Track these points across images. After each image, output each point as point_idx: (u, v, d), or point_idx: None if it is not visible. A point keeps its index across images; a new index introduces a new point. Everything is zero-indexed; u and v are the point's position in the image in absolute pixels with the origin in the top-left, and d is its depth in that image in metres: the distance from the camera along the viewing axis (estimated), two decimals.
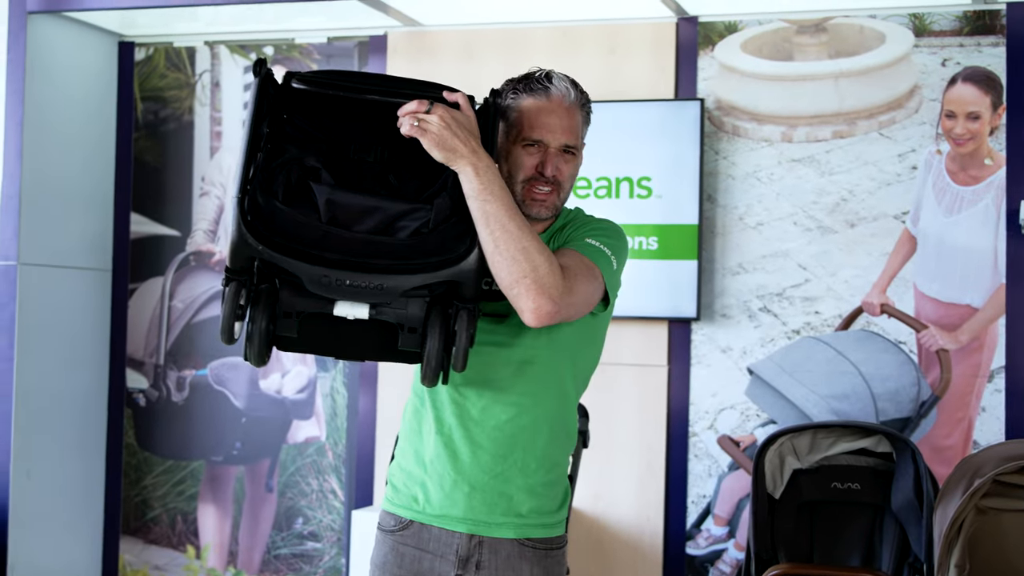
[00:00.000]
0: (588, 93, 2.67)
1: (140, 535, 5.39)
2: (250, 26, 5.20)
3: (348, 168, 2.33)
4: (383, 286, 2.26)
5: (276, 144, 2.31)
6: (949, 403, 4.42)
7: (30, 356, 5.02)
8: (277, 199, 2.25)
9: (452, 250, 2.31)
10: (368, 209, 2.28)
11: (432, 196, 2.34)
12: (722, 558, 4.65)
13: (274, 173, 2.28)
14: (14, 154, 4.98)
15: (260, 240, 2.22)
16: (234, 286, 2.29)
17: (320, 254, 2.24)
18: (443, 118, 2.32)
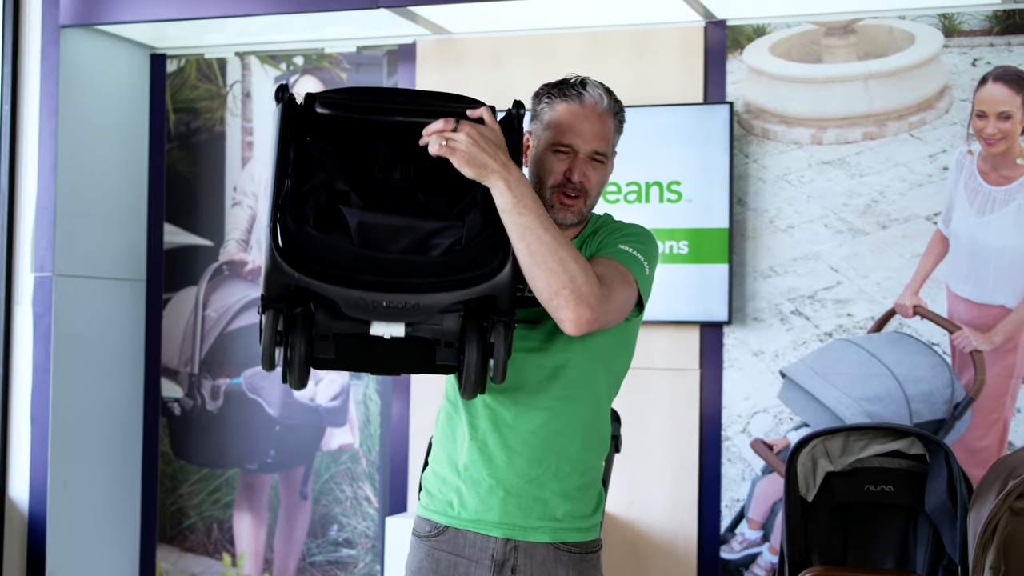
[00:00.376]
0: (622, 102, 2.68)
1: (176, 543, 5.43)
2: (280, 36, 5.22)
3: (376, 188, 2.33)
4: (420, 305, 2.27)
5: (303, 169, 2.31)
6: (983, 404, 4.40)
7: (66, 367, 5.06)
8: (308, 224, 2.26)
9: (485, 264, 2.32)
10: (400, 229, 2.28)
11: (463, 212, 2.34)
12: (756, 562, 4.64)
13: (303, 199, 2.28)
14: (48, 167, 5.02)
15: (294, 267, 2.22)
16: (271, 314, 2.30)
17: (354, 276, 2.24)
18: (470, 135, 2.32)
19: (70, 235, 5.08)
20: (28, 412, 5.03)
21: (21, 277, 5.08)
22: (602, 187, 2.67)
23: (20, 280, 5.09)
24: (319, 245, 2.25)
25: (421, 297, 2.26)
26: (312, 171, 2.32)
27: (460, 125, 2.33)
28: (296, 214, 2.27)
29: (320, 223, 2.27)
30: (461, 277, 2.29)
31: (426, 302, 2.27)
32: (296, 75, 5.30)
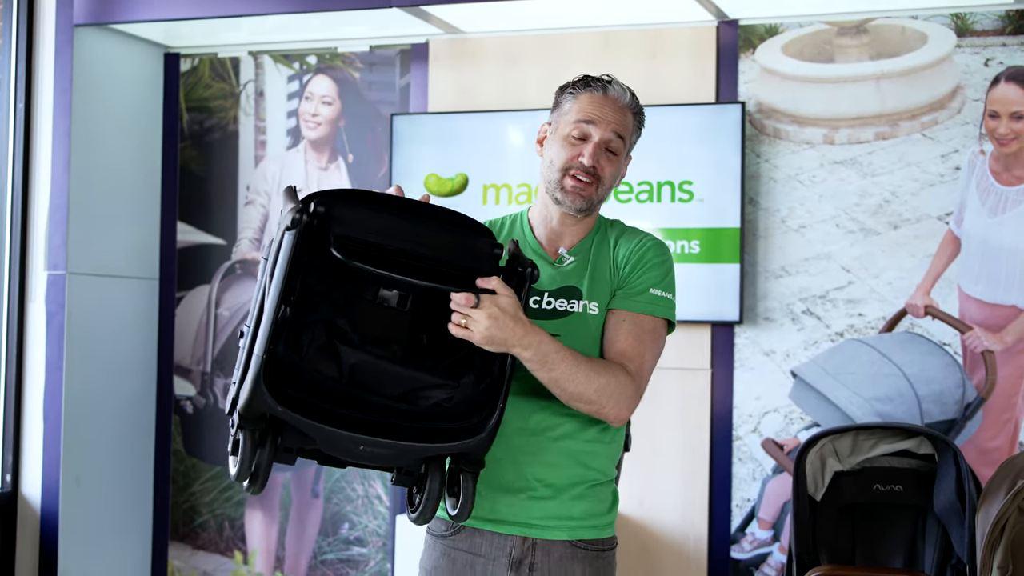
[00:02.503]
0: (643, 107, 2.71)
1: (188, 541, 5.44)
2: (293, 35, 5.24)
3: (375, 317, 2.28)
4: (396, 452, 2.25)
5: (305, 297, 2.24)
6: (995, 405, 4.39)
7: (79, 364, 5.08)
8: (300, 355, 2.21)
9: (467, 419, 2.32)
10: (394, 378, 2.25)
11: (458, 368, 2.32)
12: (767, 561, 4.63)
13: (301, 329, 2.22)
14: (62, 165, 5.04)
15: (276, 397, 2.18)
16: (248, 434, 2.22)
17: (333, 410, 2.21)
18: (490, 315, 2.30)
19: (83, 233, 5.10)
20: (41, 409, 5.05)
21: (35, 275, 5.10)
22: (615, 181, 2.67)
23: (33, 278, 5.11)
24: (307, 378, 2.20)
25: (399, 444, 2.24)
26: (314, 299, 2.25)
27: (481, 302, 2.30)
28: (291, 343, 2.21)
29: (313, 355, 2.22)
30: (441, 428, 2.28)
31: (403, 449, 2.25)
32: (309, 74, 5.31)
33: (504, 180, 4.88)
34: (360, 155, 5.22)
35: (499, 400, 2.35)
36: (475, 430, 2.31)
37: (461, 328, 2.30)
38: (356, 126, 5.24)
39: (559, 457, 2.58)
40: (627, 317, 2.58)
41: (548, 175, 2.65)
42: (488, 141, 4.92)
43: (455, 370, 2.32)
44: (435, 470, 2.34)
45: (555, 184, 2.62)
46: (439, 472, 2.34)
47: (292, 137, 5.33)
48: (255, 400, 2.17)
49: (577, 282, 2.63)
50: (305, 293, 2.23)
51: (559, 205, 2.63)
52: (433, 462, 2.34)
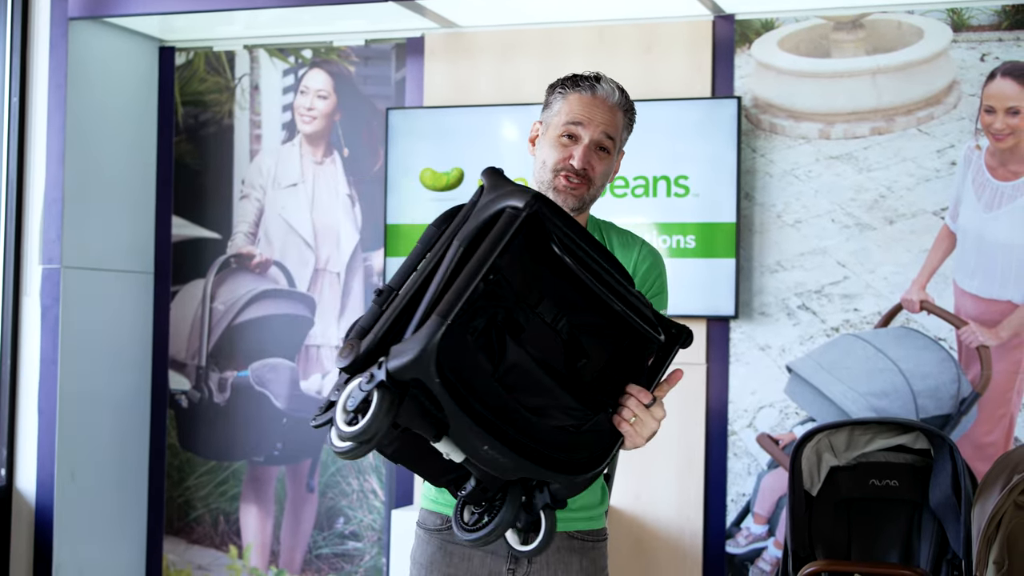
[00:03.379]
0: (633, 102, 2.70)
1: (183, 535, 5.44)
2: (288, 29, 5.23)
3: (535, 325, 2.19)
4: (513, 467, 2.16)
5: (495, 280, 2.14)
6: (990, 400, 4.39)
7: (74, 358, 5.08)
8: (471, 334, 2.10)
9: (576, 453, 2.23)
10: (540, 388, 2.17)
11: (600, 405, 2.25)
12: (762, 556, 4.64)
13: (481, 309, 2.12)
14: (57, 159, 5.03)
15: (438, 371, 2.04)
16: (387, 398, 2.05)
17: (471, 401, 2.09)
18: (658, 423, 2.29)
19: (78, 227, 5.09)
20: (36, 404, 5.05)
21: (29, 269, 5.10)
22: (606, 180, 2.67)
23: (28, 272, 5.10)
24: (467, 362, 2.09)
25: (513, 458, 2.13)
26: (502, 286, 2.15)
27: (654, 409, 2.27)
28: (467, 319, 2.10)
29: (480, 339, 2.12)
30: (553, 456, 2.19)
31: (520, 465, 2.15)
32: (305, 68, 5.31)
33: None
34: (355, 149, 5.21)
35: (613, 447, 2.28)
36: (582, 468, 2.23)
37: (629, 426, 2.26)
38: (351, 120, 5.23)
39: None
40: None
41: (540, 175, 2.66)
42: (484, 135, 4.92)
43: (595, 403, 2.25)
44: (514, 495, 2.25)
45: (548, 184, 2.63)
46: (516, 499, 2.25)
47: (287, 131, 5.32)
48: (419, 364, 2.02)
49: None
50: (498, 277, 2.14)
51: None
52: (513, 487, 2.25)
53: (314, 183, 5.27)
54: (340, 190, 5.22)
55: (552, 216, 2.18)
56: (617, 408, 2.26)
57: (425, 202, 4.96)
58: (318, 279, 5.25)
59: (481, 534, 2.26)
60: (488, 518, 2.26)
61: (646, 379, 2.29)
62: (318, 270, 5.25)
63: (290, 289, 5.29)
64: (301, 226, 5.27)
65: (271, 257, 5.31)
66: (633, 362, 2.31)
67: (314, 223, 5.25)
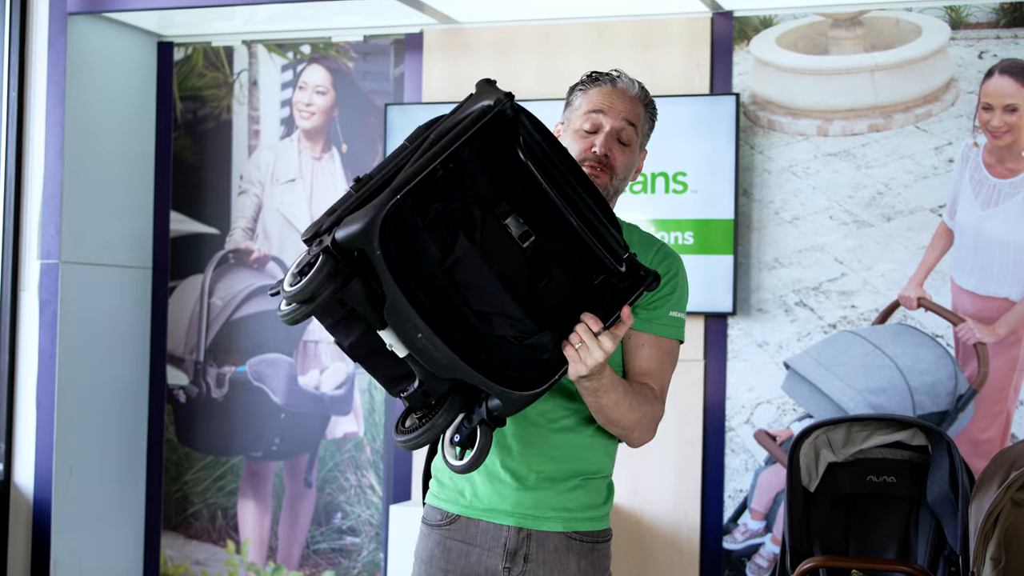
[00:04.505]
0: (654, 100, 2.72)
1: (181, 530, 5.44)
2: (287, 25, 5.23)
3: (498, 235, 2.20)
4: (440, 360, 2.16)
5: (457, 170, 2.17)
6: (986, 397, 4.40)
7: (72, 353, 5.08)
8: (423, 219, 2.12)
9: (518, 371, 2.24)
10: (486, 290, 2.18)
11: (547, 324, 2.25)
12: (759, 552, 4.65)
13: (437, 196, 2.14)
14: (55, 154, 5.03)
15: (382, 243, 2.07)
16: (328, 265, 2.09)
17: (415, 290, 2.11)
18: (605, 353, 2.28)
19: (77, 222, 5.09)
20: (34, 398, 5.05)
21: (28, 264, 5.10)
22: (628, 173, 2.66)
23: (27, 267, 5.10)
24: (413, 244, 2.11)
25: (452, 356, 2.15)
26: (463, 178, 2.17)
27: (602, 339, 2.26)
28: (422, 203, 2.13)
29: (432, 227, 2.14)
30: (492, 366, 2.20)
31: (452, 363, 2.16)
32: (303, 63, 5.31)
33: None
34: (354, 145, 5.22)
35: (557, 372, 2.28)
36: (521, 385, 2.23)
37: (574, 350, 2.26)
38: (350, 116, 5.23)
39: (558, 449, 2.58)
40: (647, 340, 2.60)
41: None
42: None
43: (544, 320, 2.25)
44: (452, 405, 2.27)
45: None
46: (455, 409, 2.27)
47: (286, 127, 5.33)
48: (364, 233, 2.06)
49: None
50: (459, 168, 2.16)
51: None
52: (453, 396, 2.27)
53: (312, 179, 5.27)
54: (338, 186, 5.22)
55: (528, 124, 2.21)
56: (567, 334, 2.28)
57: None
58: None
59: (411, 436, 2.29)
60: (418, 421, 2.29)
61: (604, 312, 2.29)
62: None
63: None
64: (299, 221, 5.27)
65: (269, 252, 5.31)
66: (600, 300, 2.32)
67: (312, 218, 5.25)
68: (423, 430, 2.28)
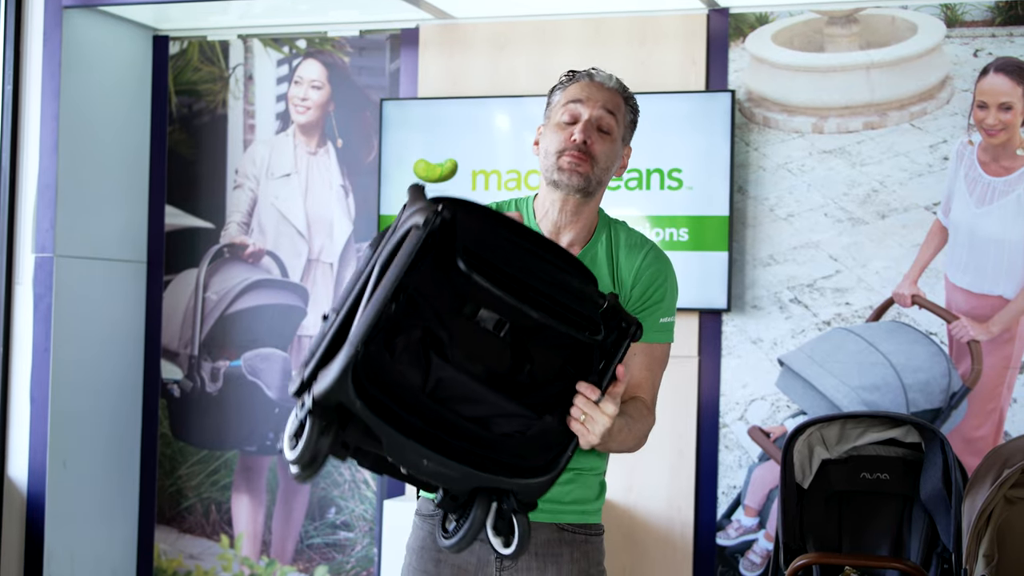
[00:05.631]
0: (634, 96, 2.71)
1: (175, 524, 5.44)
2: (283, 19, 5.23)
3: (473, 335, 2.19)
4: (460, 477, 2.17)
5: (411, 298, 2.15)
6: (980, 394, 4.41)
7: (66, 347, 5.08)
8: (392, 355, 2.12)
9: (532, 457, 2.24)
10: (477, 399, 2.18)
11: (546, 405, 2.25)
12: (752, 548, 4.65)
13: (400, 329, 2.13)
14: (50, 147, 5.03)
15: (359, 393, 2.08)
16: (318, 424, 2.12)
17: (407, 417, 2.12)
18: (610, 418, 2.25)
19: (71, 216, 5.09)
20: (28, 392, 5.05)
21: (22, 257, 5.09)
22: (610, 162, 2.65)
23: (21, 260, 5.09)
24: (391, 380, 2.12)
25: (462, 468, 2.16)
26: (419, 302, 2.15)
27: (603, 405, 2.24)
28: (385, 341, 2.12)
29: (403, 358, 2.14)
30: (504, 461, 2.20)
31: (466, 474, 2.17)
32: (299, 58, 5.31)
33: (493, 166, 4.88)
34: (349, 140, 5.22)
35: (568, 448, 2.28)
36: (538, 471, 2.24)
37: (580, 424, 2.24)
38: (345, 111, 5.23)
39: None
40: (639, 349, 2.61)
41: (545, 163, 2.64)
42: (477, 127, 4.92)
43: (541, 405, 2.25)
44: (482, 501, 2.28)
45: (552, 168, 2.61)
46: (486, 503, 2.28)
47: (281, 121, 5.32)
48: (337, 390, 2.08)
49: None
50: (412, 295, 2.15)
51: (557, 188, 2.61)
52: (481, 492, 2.27)
53: (308, 173, 5.27)
54: (334, 181, 5.22)
55: (465, 223, 2.16)
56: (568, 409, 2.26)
57: None
58: (311, 269, 5.25)
59: (454, 540, 2.31)
60: (457, 523, 2.31)
61: (597, 376, 2.28)
62: (311, 260, 5.25)
63: (283, 279, 5.29)
64: (294, 216, 5.27)
65: (264, 247, 5.31)
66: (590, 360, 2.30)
67: (307, 213, 5.25)
68: (464, 530, 2.30)
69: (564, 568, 2.65)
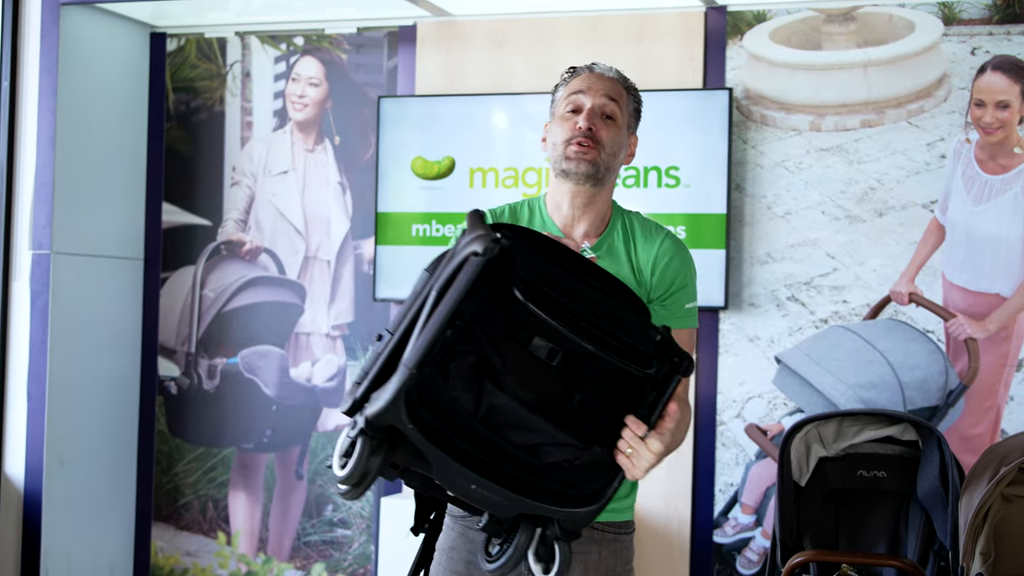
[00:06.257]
0: (636, 87, 2.75)
1: (172, 522, 5.44)
2: (280, 16, 5.22)
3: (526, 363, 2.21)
4: (508, 503, 2.20)
5: (467, 324, 2.17)
6: (977, 392, 4.41)
7: (63, 344, 5.07)
8: (445, 379, 2.15)
9: (576, 488, 2.25)
10: (527, 427, 2.19)
11: (594, 438, 2.25)
12: (749, 546, 4.65)
13: (454, 354, 2.16)
14: (47, 144, 5.02)
15: (411, 416, 2.10)
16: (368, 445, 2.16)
17: (458, 442, 2.15)
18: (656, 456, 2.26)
19: (68, 213, 5.09)
20: (25, 389, 5.04)
21: (19, 254, 5.09)
22: (617, 148, 2.68)
23: (18, 257, 5.09)
24: (443, 404, 2.14)
25: (510, 495, 2.18)
26: (474, 329, 2.17)
27: (649, 442, 2.25)
28: (439, 366, 2.14)
29: (456, 384, 2.16)
30: (552, 489, 2.22)
31: (514, 501, 2.20)
32: (296, 55, 5.30)
33: (491, 164, 4.88)
34: (347, 137, 5.21)
35: (615, 478, 2.29)
36: (584, 501, 2.25)
37: (626, 458, 2.25)
38: (343, 108, 5.23)
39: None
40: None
41: (553, 155, 2.67)
42: (475, 124, 4.92)
43: (590, 436, 2.26)
44: (527, 526, 2.29)
45: (560, 158, 2.64)
46: (530, 529, 2.30)
47: (279, 118, 5.32)
48: (390, 412, 2.11)
49: None
50: (468, 321, 2.17)
51: (568, 178, 2.64)
52: (526, 518, 2.29)
53: (305, 171, 5.27)
54: (331, 178, 5.22)
55: (522, 252, 2.18)
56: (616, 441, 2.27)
57: (416, 190, 4.96)
58: (308, 267, 5.25)
59: (497, 564, 2.32)
60: (500, 547, 2.33)
61: (647, 409, 2.28)
62: (308, 258, 5.25)
63: (280, 276, 5.29)
64: (292, 214, 5.27)
65: (261, 244, 5.31)
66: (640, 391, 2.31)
67: (305, 211, 5.25)
68: (508, 555, 2.31)
69: (591, 567, 2.66)
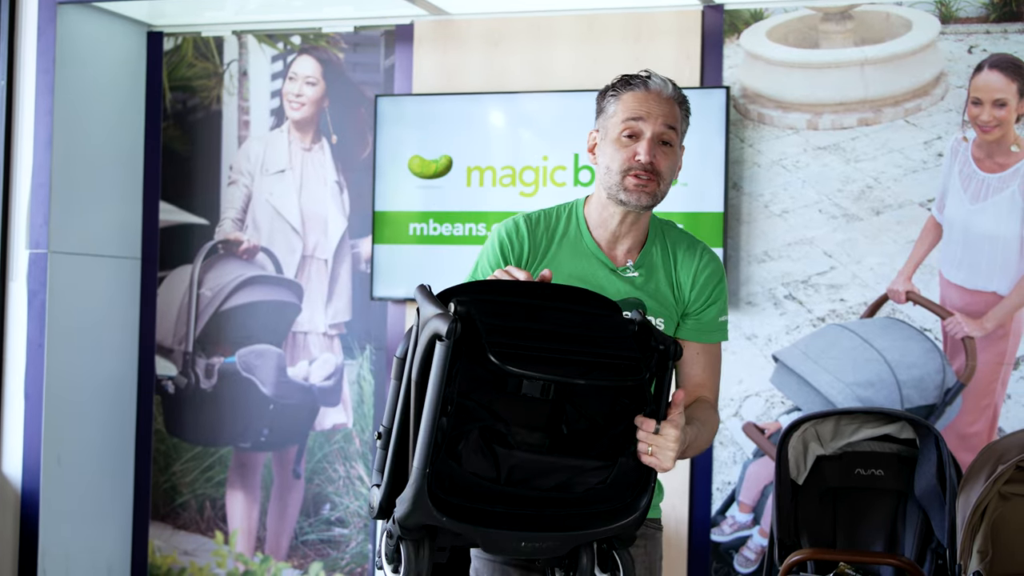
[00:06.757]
0: (685, 95, 2.74)
1: (169, 521, 5.44)
2: (277, 15, 5.22)
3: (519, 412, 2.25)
4: (559, 544, 2.24)
5: (459, 405, 2.20)
6: (974, 390, 4.42)
7: (60, 343, 5.07)
8: (459, 463, 2.18)
9: (620, 498, 2.29)
10: (550, 469, 2.23)
11: (616, 451, 2.29)
12: (747, 544, 4.66)
13: (459, 436, 2.20)
14: (44, 143, 5.02)
15: (439, 507, 2.14)
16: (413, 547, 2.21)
17: (491, 509, 2.18)
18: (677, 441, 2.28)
19: (65, 212, 5.08)
20: (22, 389, 5.04)
21: (16, 254, 5.09)
22: (672, 174, 2.70)
23: (15, 257, 5.09)
24: (465, 483, 2.18)
25: (558, 535, 2.23)
26: (468, 405, 2.21)
27: (664, 431, 2.27)
28: (449, 451, 2.18)
29: (471, 460, 2.20)
30: (596, 511, 2.26)
31: (563, 539, 2.24)
32: (293, 54, 5.30)
33: (488, 162, 4.88)
34: (344, 136, 5.21)
35: (651, 477, 2.32)
36: (629, 509, 2.29)
37: (650, 456, 2.28)
38: (340, 107, 5.23)
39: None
40: (701, 350, 2.69)
41: (607, 180, 2.67)
42: (472, 123, 4.92)
43: (611, 450, 2.29)
44: (586, 547, 2.32)
45: (617, 187, 2.64)
46: (589, 548, 2.33)
47: (276, 117, 5.32)
48: (418, 514, 2.15)
49: (642, 295, 2.67)
50: (459, 401, 2.20)
51: (624, 206, 2.66)
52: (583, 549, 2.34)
53: (302, 169, 5.26)
54: (328, 177, 5.22)
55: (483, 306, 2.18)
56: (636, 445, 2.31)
57: (413, 189, 4.96)
58: (305, 266, 5.25)
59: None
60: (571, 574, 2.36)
61: (652, 404, 2.32)
62: (305, 257, 5.25)
63: (277, 275, 5.29)
64: (289, 213, 5.26)
65: (258, 243, 5.31)
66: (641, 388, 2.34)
67: (302, 210, 5.25)
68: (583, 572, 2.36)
69: (638, 556, 2.69)
